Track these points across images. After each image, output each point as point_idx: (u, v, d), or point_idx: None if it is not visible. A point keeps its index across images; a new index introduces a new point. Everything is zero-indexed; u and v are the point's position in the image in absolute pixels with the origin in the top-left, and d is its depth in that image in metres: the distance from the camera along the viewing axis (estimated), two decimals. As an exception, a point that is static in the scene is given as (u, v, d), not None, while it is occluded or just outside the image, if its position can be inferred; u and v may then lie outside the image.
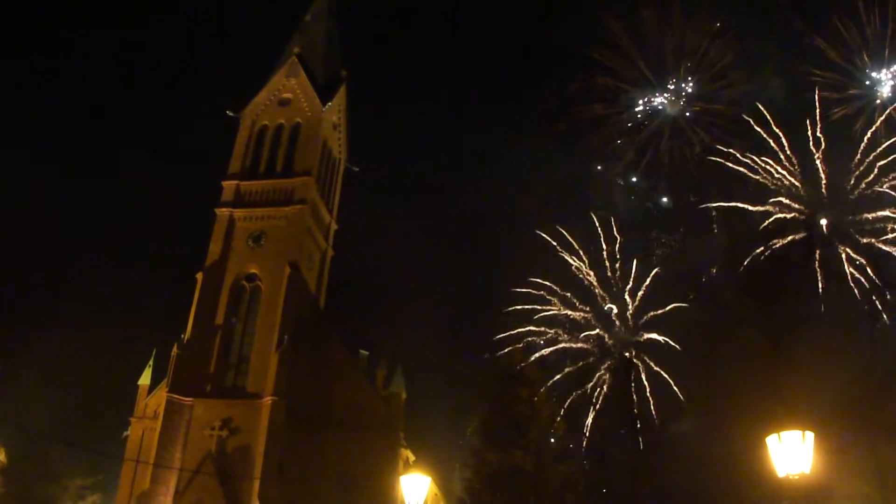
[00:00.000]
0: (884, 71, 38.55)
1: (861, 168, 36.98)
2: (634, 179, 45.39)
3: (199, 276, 43.87)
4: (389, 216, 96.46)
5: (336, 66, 53.58)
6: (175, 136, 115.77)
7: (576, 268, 42.24)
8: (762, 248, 37.77)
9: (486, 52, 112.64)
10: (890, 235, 35.87)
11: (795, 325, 37.62)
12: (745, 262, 37.71)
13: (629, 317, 41.52)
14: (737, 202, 38.67)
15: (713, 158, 39.41)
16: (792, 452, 13.02)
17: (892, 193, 36.11)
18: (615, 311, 41.51)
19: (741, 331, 39.10)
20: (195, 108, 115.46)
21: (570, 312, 41.29)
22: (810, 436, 13.07)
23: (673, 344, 39.63)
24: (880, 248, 36.03)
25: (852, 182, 37.32)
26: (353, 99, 54.31)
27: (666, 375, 39.23)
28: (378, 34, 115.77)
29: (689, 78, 43.68)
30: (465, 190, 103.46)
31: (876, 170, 36.49)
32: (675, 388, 38.97)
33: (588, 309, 41.59)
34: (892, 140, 36.47)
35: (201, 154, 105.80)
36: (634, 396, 39.72)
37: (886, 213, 36.26)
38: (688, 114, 43.54)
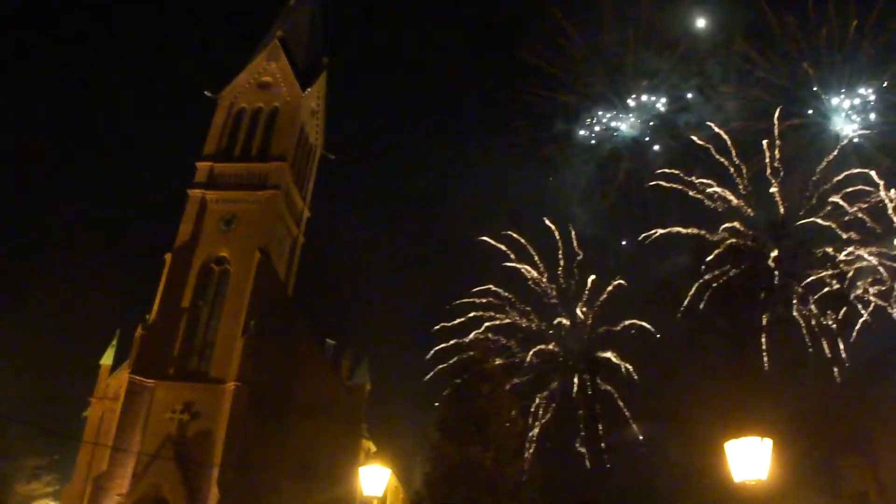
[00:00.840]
0: (842, 95, 38.93)
1: (812, 202, 37.39)
2: (593, 198, 45.84)
3: (168, 257, 43.44)
4: (364, 207, 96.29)
5: (318, 52, 53.22)
6: (151, 114, 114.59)
7: (534, 280, 42.57)
8: (710, 277, 38.13)
9: (463, 60, 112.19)
10: (831, 271, 36.31)
11: (758, 335, 37.93)
12: (695, 288, 38.11)
13: (587, 326, 41.87)
14: (692, 227, 39.07)
15: (666, 184, 39.71)
16: (749, 458, 13.04)
17: (835, 228, 36.57)
18: (567, 323, 41.88)
19: (705, 339, 39.36)
20: (173, 87, 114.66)
21: (524, 321, 41.69)
22: (768, 442, 13.07)
23: (620, 362, 40.03)
24: (825, 281, 36.51)
25: (801, 214, 37.74)
26: (333, 86, 54.00)
27: (613, 390, 39.66)
28: (361, 24, 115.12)
29: (649, 101, 44.17)
30: (439, 189, 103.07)
31: (829, 205, 36.89)
32: (620, 402, 39.47)
33: (544, 322, 42.02)
34: (843, 175, 36.86)
35: (177, 134, 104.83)
36: (593, 401, 40.01)
37: (829, 249, 36.74)
38: (647, 138, 43.96)
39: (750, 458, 13.03)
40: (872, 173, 35.87)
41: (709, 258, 37.97)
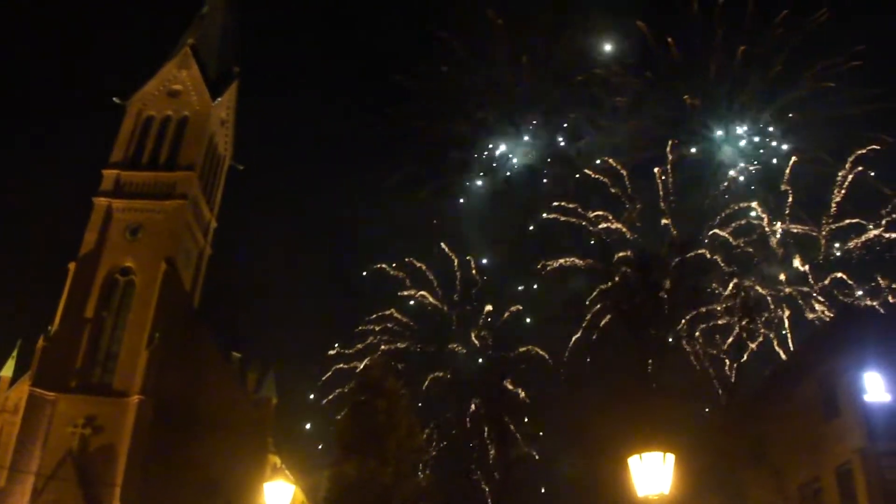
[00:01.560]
0: (735, 128, 40.86)
1: (700, 236, 39.27)
2: (491, 227, 47.04)
3: (72, 266, 42.79)
4: (272, 220, 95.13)
5: (229, 61, 52.85)
6: (57, 120, 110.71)
7: (432, 307, 43.57)
8: (607, 304, 39.60)
9: (360, 87, 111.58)
10: (720, 307, 38.21)
11: (665, 352, 39.47)
12: (592, 314, 39.49)
13: (483, 352, 42.96)
14: (589, 259, 40.52)
15: (562, 218, 41.01)
16: (652, 473, 13.54)
17: (719, 262, 38.45)
18: (463, 350, 43.02)
19: (608, 355, 40.82)
20: (80, 92, 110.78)
21: (420, 347, 42.66)
22: (671, 457, 13.63)
23: (513, 388, 41.21)
24: (713, 312, 38.37)
25: (690, 245, 39.49)
26: (243, 96, 53.85)
27: (506, 415, 40.78)
28: (275, 34, 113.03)
29: (544, 130, 45.41)
30: (343, 210, 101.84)
31: (716, 238, 38.76)
32: (511, 427, 40.56)
33: (441, 348, 43.02)
34: (730, 208, 38.73)
35: (84, 140, 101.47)
36: (488, 425, 41.07)
37: (714, 284, 38.60)
38: (544, 173, 45.24)
39: (653, 472, 13.52)
40: (754, 204, 37.88)
41: (604, 287, 39.38)
